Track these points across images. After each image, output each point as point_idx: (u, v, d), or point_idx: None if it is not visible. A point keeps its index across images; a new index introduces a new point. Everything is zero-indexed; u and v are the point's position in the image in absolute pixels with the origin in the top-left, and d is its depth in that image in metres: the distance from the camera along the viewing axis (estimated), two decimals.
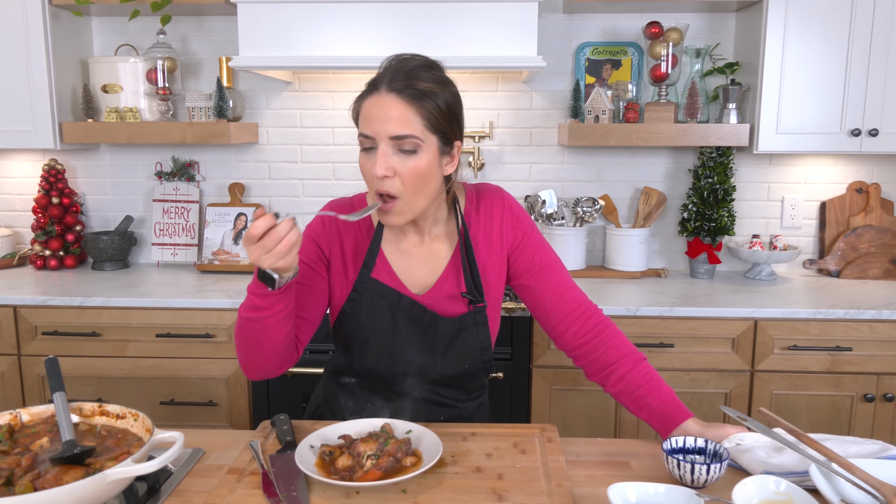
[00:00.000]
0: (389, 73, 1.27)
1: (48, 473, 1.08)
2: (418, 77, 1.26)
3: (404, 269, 1.42)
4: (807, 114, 2.52)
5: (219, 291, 2.51)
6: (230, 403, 2.46)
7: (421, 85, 1.25)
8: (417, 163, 1.26)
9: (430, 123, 1.26)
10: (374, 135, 1.25)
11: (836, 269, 2.80)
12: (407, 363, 1.41)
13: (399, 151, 1.25)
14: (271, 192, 2.99)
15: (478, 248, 1.42)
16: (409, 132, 1.24)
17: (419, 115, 1.25)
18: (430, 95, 1.26)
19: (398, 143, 1.25)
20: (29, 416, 1.28)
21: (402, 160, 1.25)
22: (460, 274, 1.41)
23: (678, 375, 2.35)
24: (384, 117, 1.24)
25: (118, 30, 2.92)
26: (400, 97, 1.24)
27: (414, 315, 1.39)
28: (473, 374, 1.46)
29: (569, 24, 2.83)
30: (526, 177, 2.93)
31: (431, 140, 1.27)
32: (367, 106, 1.27)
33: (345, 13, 2.38)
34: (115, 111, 2.73)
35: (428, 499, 1.13)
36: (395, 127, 1.24)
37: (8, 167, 3.03)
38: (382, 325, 1.39)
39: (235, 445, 1.36)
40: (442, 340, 1.40)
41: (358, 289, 1.40)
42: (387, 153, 1.25)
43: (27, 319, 2.44)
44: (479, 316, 1.41)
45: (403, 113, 1.24)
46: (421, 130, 1.25)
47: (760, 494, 1.07)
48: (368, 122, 1.26)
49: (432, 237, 1.43)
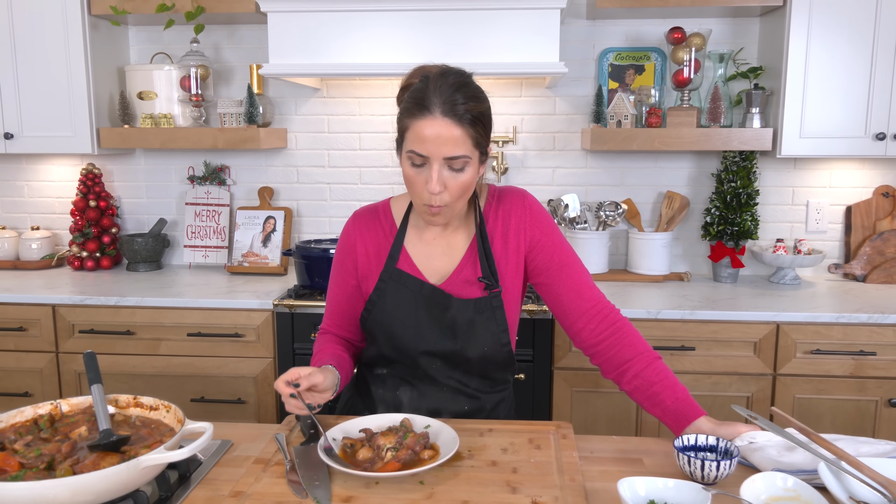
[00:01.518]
0: (438, 96, 1.34)
1: (86, 459, 1.14)
2: (465, 100, 1.34)
3: (425, 259, 1.52)
4: (831, 118, 2.52)
5: (248, 292, 2.58)
6: (258, 401, 2.52)
7: (470, 108, 1.35)
8: (465, 178, 1.38)
9: (475, 142, 1.37)
10: (430, 155, 1.35)
11: (861, 274, 2.78)
12: (430, 345, 1.49)
13: (450, 169, 1.36)
14: (299, 196, 3.06)
15: (493, 242, 1.51)
16: (462, 153, 1.35)
17: (469, 136, 1.35)
18: (479, 118, 1.37)
19: (451, 162, 1.36)
20: (68, 407, 1.35)
21: (452, 176, 1.37)
22: (477, 262, 1.50)
23: (699, 379, 2.36)
24: (440, 140, 1.33)
25: (153, 39, 3.02)
26: (454, 122, 1.33)
27: (434, 300, 1.48)
28: (494, 359, 1.52)
29: (592, 30, 2.86)
30: (549, 181, 2.96)
31: (475, 155, 1.39)
32: (420, 127, 1.34)
33: (371, 21, 2.44)
34: (149, 117, 2.83)
35: (444, 490, 1.17)
36: (451, 150, 1.34)
37: (48, 171, 3.14)
38: (406, 311, 1.49)
39: (262, 438, 1.42)
40: (461, 323, 1.48)
41: (384, 278, 1.51)
42: (440, 171, 1.36)
43: (65, 318, 2.53)
44: (495, 300, 1.49)
45: (458, 136, 1.34)
46: (470, 150, 1.37)
47: (769, 491, 1.10)
48: (423, 144, 1.34)
49: (452, 229, 1.53)
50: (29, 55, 2.71)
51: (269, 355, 2.49)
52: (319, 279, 2.55)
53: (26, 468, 1.13)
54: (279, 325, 2.47)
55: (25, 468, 1.13)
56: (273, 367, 2.50)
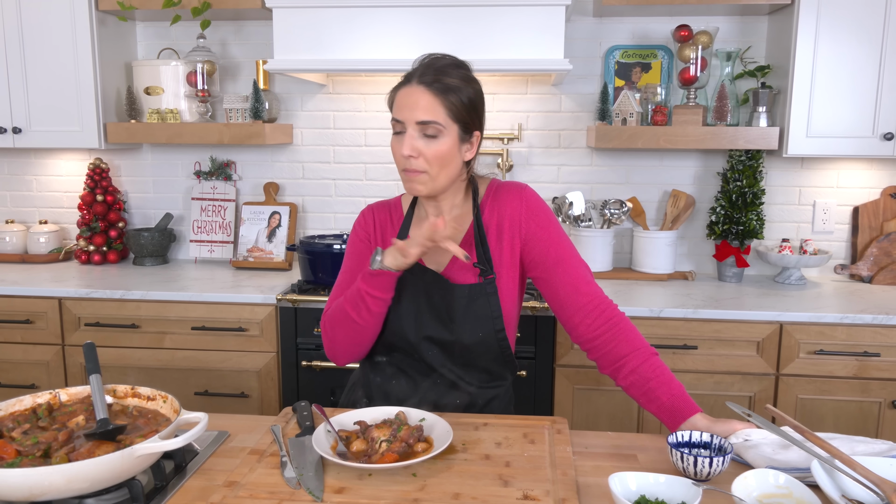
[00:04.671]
0: (421, 68, 1.46)
1: (82, 448, 1.16)
2: (446, 73, 1.44)
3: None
4: (838, 117, 2.50)
5: (252, 287, 2.60)
6: (261, 395, 2.54)
7: (447, 80, 1.43)
8: (439, 147, 1.44)
9: (452, 113, 1.44)
10: (404, 120, 1.44)
11: (868, 275, 2.76)
12: (429, 331, 1.52)
13: (424, 136, 1.43)
14: (305, 192, 3.08)
15: (488, 234, 1.54)
16: (432, 119, 1.42)
17: (443, 105, 1.42)
18: (455, 90, 1.44)
19: (423, 127, 1.42)
20: (67, 396, 1.37)
21: (426, 143, 1.43)
22: (472, 250, 1.54)
23: (701, 378, 2.35)
24: (413, 105, 1.42)
25: (160, 34, 3.03)
26: (428, 89, 1.42)
27: (435, 285, 1.52)
28: (490, 347, 1.53)
29: (598, 28, 2.85)
30: (554, 178, 2.95)
31: (453, 128, 1.44)
32: (400, 95, 1.46)
33: (377, 17, 2.45)
34: (156, 112, 2.85)
35: (437, 482, 1.18)
36: (422, 114, 1.42)
37: (55, 166, 3.17)
38: (407, 295, 1.53)
39: (258, 429, 1.43)
40: (457, 308, 1.51)
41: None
42: (413, 136, 1.43)
43: (71, 311, 2.56)
44: (489, 286, 1.52)
45: (430, 103, 1.42)
46: (444, 118, 1.43)
47: (760, 488, 1.09)
48: (400, 109, 1.45)
49: (449, 219, 1.54)
50: (37, 50, 2.73)
51: (273, 350, 2.50)
52: (323, 274, 2.56)
53: (23, 455, 1.14)
54: (282, 319, 2.48)
55: (22, 455, 1.14)
56: (276, 361, 2.51)
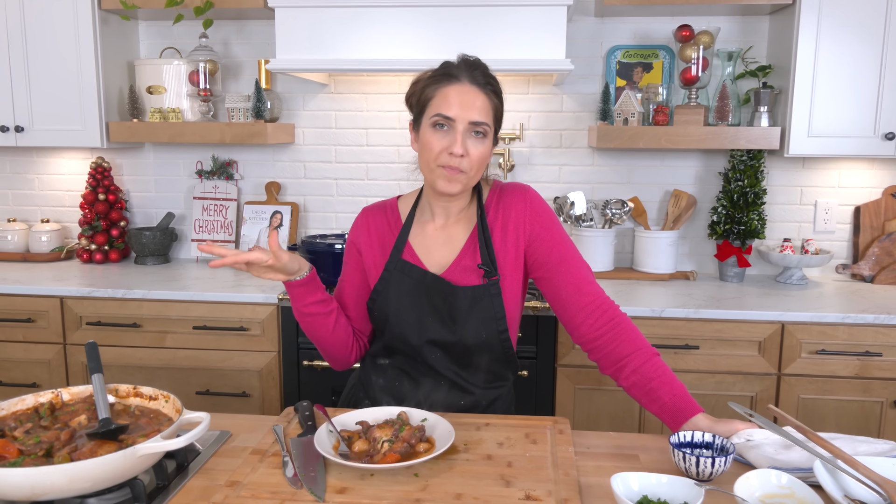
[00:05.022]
0: (468, 68, 1.47)
1: (84, 447, 1.16)
2: (492, 77, 1.49)
3: (427, 250, 1.57)
4: (839, 117, 2.50)
5: (253, 286, 2.60)
6: (262, 395, 2.54)
7: (492, 82, 1.49)
8: (485, 148, 1.47)
9: (494, 116, 1.49)
10: (456, 118, 1.43)
11: (869, 275, 2.76)
12: (431, 334, 1.52)
13: (472, 135, 1.45)
14: (306, 191, 3.08)
15: (493, 234, 1.54)
16: (485, 119, 1.45)
17: (492, 107, 1.47)
18: (499, 94, 1.50)
19: (474, 127, 1.44)
20: (69, 396, 1.37)
21: (474, 143, 1.45)
22: (476, 251, 1.54)
23: (703, 377, 2.35)
24: (469, 105, 1.44)
25: (163, 33, 3.04)
26: (482, 90, 1.46)
27: (436, 288, 1.52)
28: (493, 348, 1.54)
29: (600, 28, 2.85)
30: (556, 178, 2.95)
31: (491, 130, 1.49)
32: (448, 91, 1.45)
33: (379, 17, 2.45)
34: (158, 111, 2.85)
35: (438, 482, 1.18)
36: (476, 114, 1.44)
37: (58, 164, 3.17)
38: (409, 299, 1.53)
39: (260, 429, 1.43)
40: (460, 309, 1.51)
41: (388, 268, 1.56)
42: (464, 135, 1.44)
43: (72, 310, 2.56)
44: (493, 288, 1.52)
45: (484, 104, 1.45)
46: (491, 120, 1.47)
47: (763, 488, 1.09)
48: (451, 106, 1.44)
49: (453, 221, 1.57)
50: (40, 49, 2.74)
51: (274, 349, 2.51)
52: (324, 274, 2.53)
53: (25, 455, 1.14)
54: (284, 319, 2.48)
55: (24, 455, 1.14)
56: (277, 360, 2.51)
